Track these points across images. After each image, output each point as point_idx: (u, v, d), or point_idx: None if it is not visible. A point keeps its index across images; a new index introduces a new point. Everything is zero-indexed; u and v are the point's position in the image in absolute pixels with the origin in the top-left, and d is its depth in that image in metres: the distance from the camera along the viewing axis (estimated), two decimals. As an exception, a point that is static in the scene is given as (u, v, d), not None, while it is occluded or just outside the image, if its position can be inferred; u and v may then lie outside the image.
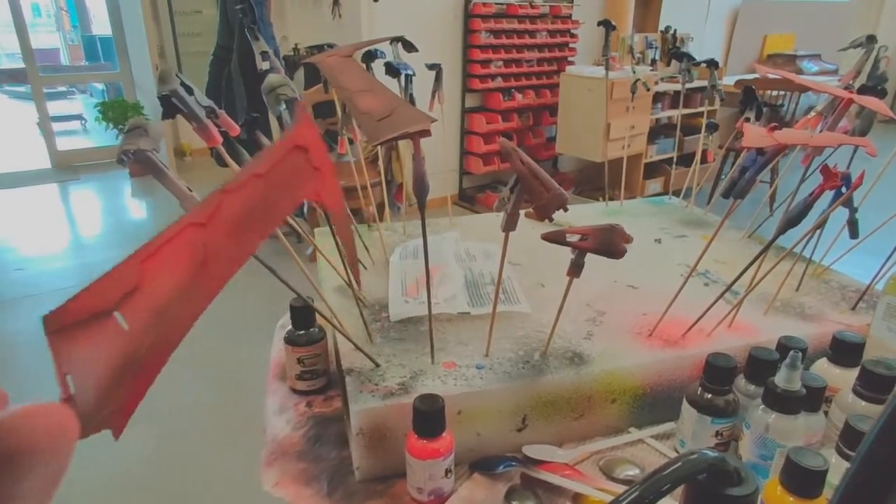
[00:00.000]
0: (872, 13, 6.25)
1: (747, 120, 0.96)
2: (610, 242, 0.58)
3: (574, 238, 0.58)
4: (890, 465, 0.26)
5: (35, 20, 9.44)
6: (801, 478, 0.48)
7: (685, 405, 0.65)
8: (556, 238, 0.58)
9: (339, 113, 0.98)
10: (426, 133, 0.52)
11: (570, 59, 4.24)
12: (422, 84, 0.96)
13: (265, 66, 0.81)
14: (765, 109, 0.96)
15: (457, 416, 0.64)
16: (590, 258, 0.61)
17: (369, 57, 0.93)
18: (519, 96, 4.02)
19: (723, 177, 0.96)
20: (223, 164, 0.60)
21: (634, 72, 1.23)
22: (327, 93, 0.86)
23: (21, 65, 4.86)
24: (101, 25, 7.85)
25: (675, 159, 1.45)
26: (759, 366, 0.64)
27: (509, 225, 0.59)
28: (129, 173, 4.75)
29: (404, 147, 2.44)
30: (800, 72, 5.13)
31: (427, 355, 0.69)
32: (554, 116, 4.12)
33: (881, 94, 0.84)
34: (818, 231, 0.80)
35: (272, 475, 0.66)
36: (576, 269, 0.61)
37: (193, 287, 0.28)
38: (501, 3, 3.76)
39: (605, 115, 3.58)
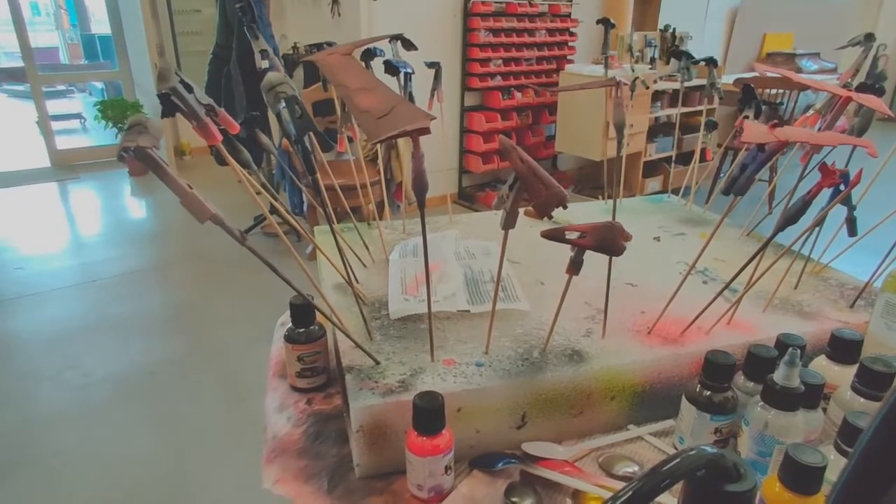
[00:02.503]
0: (871, 11, 6.25)
1: (746, 118, 0.96)
2: (609, 240, 0.58)
3: (573, 235, 0.58)
4: (887, 461, 0.26)
5: (34, 19, 9.43)
6: (800, 474, 0.48)
7: (684, 402, 0.65)
8: (555, 235, 0.58)
9: (339, 111, 0.98)
10: (425, 131, 0.52)
11: (569, 57, 4.24)
12: (421, 82, 0.96)
13: (264, 64, 0.81)
14: (764, 108, 0.96)
15: (456, 414, 0.64)
16: (589, 256, 0.61)
17: (368, 55, 0.93)
18: (518, 95, 4.02)
19: (722, 175, 0.96)
20: (223, 162, 0.60)
21: (633, 70, 1.23)
22: (326, 91, 0.86)
23: (20, 63, 4.86)
24: (100, 24, 7.84)
25: (673, 158, 1.45)
26: (758, 363, 0.65)
27: (508, 223, 0.59)
28: (128, 172, 4.75)
29: (404, 145, 2.44)
30: (799, 70, 5.13)
31: (427, 353, 0.70)
32: (553, 115, 4.12)
33: (879, 92, 0.84)
34: (816, 229, 0.80)
35: (273, 472, 0.66)
36: (575, 266, 0.61)
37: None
38: (501, 2, 3.76)
39: (605, 114, 3.59)
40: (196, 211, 0.46)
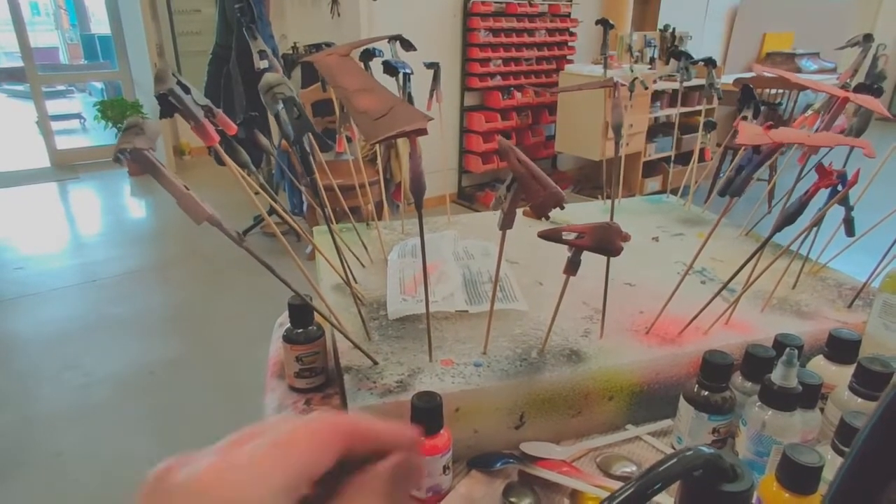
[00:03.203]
0: (870, 12, 6.25)
1: (745, 118, 0.96)
2: (606, 240, 0.58)
3: (570, 236, 0.58)
4: (883, 461, 0.26)
5: (34, 19, 9.43)
6: (797, 474, 0.49)
7: (682, 402, 0.65)
8: (552, 236, 0.58)
9: (338, 111, 0.99)
10: (423, 132, 0.52)
11: (569, 57, 4.24)
12: (420, 83, 0.96)
13: (263, 64, 0.81)
14: (763, 108, 0.96)
15: (455, 414, 0.64)
16: (588, 256, 0.61)
17: (367, 55, 0.93)
18: (518, 95, 4.02)
19: (721, 175, 0.96)
20: (222, 162, 0.60)
21: (633, 70, 1.23)
22: (325, 91, 0.86)
23: (20, 63, 4.86)
24: (99, 24, 7.84)
25: (673, 158, 1.45)
26: (756, 363, 0.65)
27: (506, 223, 0.59)
28: (128, 172, 4.75)
29: (403, 145, 2.44)
30: (798, 70, 5.14)
31: (425, 353, 0.70)
32: (553, 115, 4.12)
33: (877, 92, 0.84)
34: (814, 229, 0.80)
35: (271, 473, 0.66)
36: (572, 266, 0.61)
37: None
38: (500, 2, 3.76)
39: (604, 114, 3.59)
40: (193, 212, 0.46)
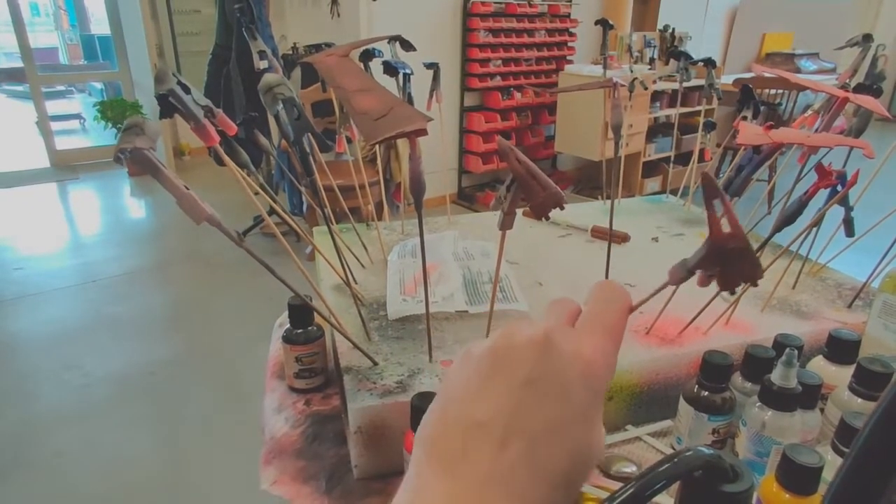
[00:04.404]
0: (870, 12, 6.25)
1: (745, 118, 0.96)
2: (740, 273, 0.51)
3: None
4: (883, 461, 0.26)
5: (34, 19, 9.43)
6: (797, 475, 0.49)
7: (682, 403, 0.65)
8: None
9: (337, 112, 0.99)
10: (422, 132, 0.52)
11: (568, 57, 4.24)
12: (420, 83, 0.96)
13: (263, 65, 0.81)
14: (762, 108, 0.96)
15: (454, 414, 0.64)
16: (589, 254, 0.61)
17: (367, 56, 0.93)
18: (518, 95, 4.02)
19: (720, 175, 0.96)
20: (222, 162, 0.60)
21: (632, 70, 1.23)
22: (325, 91, 0.86)
23: (20, 64, 4.86)
24: (99, 24, 7.85)
25: (672, 158, 1.45)
26: (756, 363, 0.65)
27: (506, 224, 0.59)
28: (127, 172, 4.75)
29: (403, 146, 2.44)
30: (798, 70, 5.14)
31: (425, 353, 0.70)
32: (553, 115, 4.13)
33: (877, 92, 0.84)
34: (814, 229, 0.80)
35: (270, 473, 0.66)
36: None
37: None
38: (500, 3, 3.76)
39: (604, 114, 3.59)
40: (192, 212, 0.46)
